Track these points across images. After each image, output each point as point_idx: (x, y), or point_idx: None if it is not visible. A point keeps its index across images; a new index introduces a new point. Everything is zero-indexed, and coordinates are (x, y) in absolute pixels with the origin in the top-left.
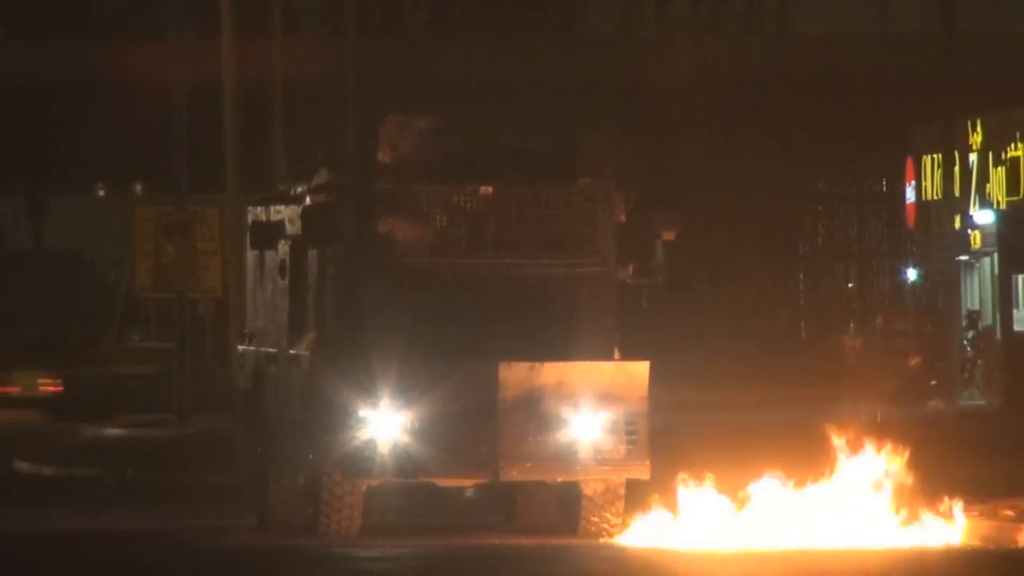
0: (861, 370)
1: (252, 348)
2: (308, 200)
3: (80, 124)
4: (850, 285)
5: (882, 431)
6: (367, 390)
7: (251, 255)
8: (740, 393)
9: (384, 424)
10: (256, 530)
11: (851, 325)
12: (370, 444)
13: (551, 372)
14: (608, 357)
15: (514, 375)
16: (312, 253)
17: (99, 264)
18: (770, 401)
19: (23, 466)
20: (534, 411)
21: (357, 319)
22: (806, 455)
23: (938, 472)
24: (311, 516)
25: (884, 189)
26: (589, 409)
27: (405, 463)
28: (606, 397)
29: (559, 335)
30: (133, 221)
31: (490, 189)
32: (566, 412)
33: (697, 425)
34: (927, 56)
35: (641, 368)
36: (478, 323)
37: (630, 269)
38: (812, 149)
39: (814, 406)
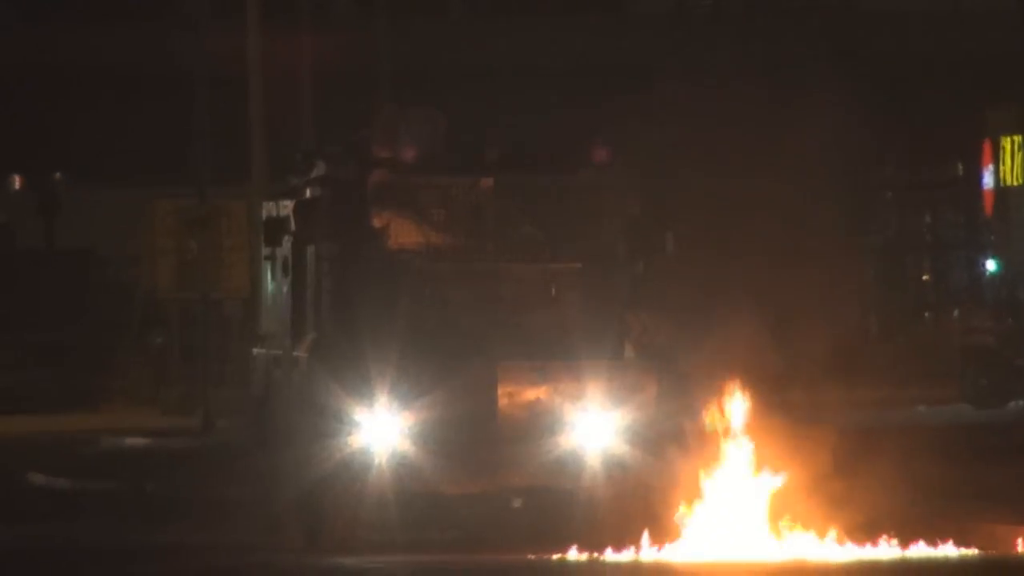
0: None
1: (264, 351)
2: (306, 194)
3: (95, 114)
4: (924, 278)
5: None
6: (362, 393)
7: (265, 252)
8: (811, 394)
9: (381, 429)
10: (268, 544)
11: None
12: (367, 451)
13: (553, 372)
14: (616, 356)
15: (514, 376)
16: (310, 249)
17: (115, 263)
18: (853, 404)
19: (38, 479)
20: (535, 413)
21: (350, 318)
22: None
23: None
24: (310, 527)
25: (960, 174)
26: (594, 410)
27: (403, 470)
28: (611, 398)
29: (562, 333)
30: (151, 216)
31: (490, 182)
32: (569, 414)
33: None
34: (1002, 33)
35: (648, 368)
36: (477, 322)
37: (640, 265)
38: (881, 133)
39: (889, 409)
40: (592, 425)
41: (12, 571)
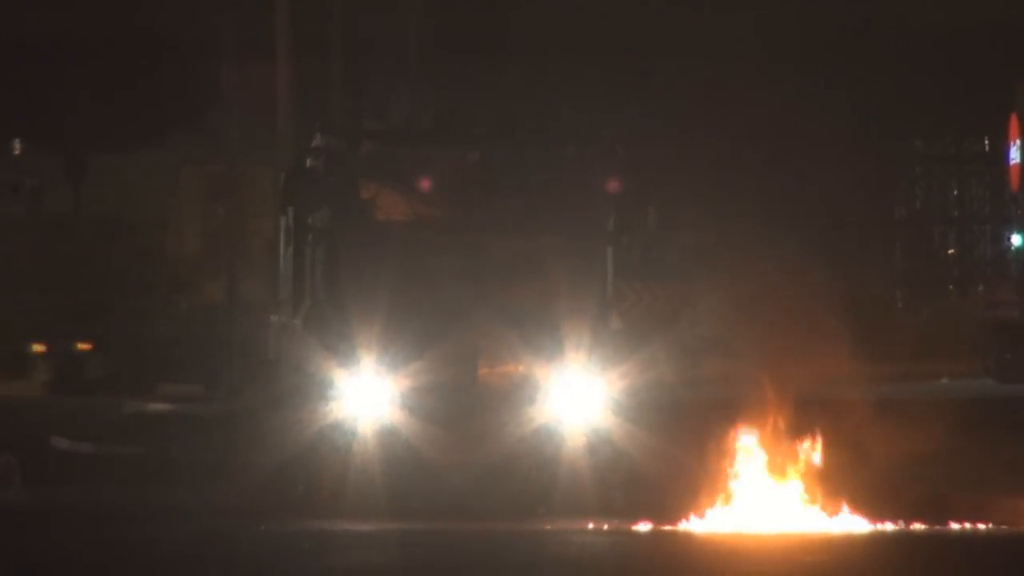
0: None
1: (277, 318)
2: (306, 164)
3: (124, 79)
4: (950, 252)
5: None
6: (348, 361)
7: (281, 221)
8: (839, 368)
9: (365, 397)
10: (256, 508)
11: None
12: (352, 417)
13: (534, 343)
14: (599, 327)
15: (495, 346)
16: (304, 219)
17: (142, 229)
18: (875, 377)
19: (61, 443)
20: (516, 383)
21: (339, 287)
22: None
23: None
24: (301, 494)
25: (986, 149)
26: (575, 381)
27: (387, 437)
28: (591, 367)
29: (546, 305)
30: (179, 182)
31: (477, 155)
32: (550, 384)
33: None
34: None
35: (630, 338)
36: (462, 292)
37: (622, 238)
38: (907, 106)
39: (913, 382)
40: (573, 395)
41: (32, 531)
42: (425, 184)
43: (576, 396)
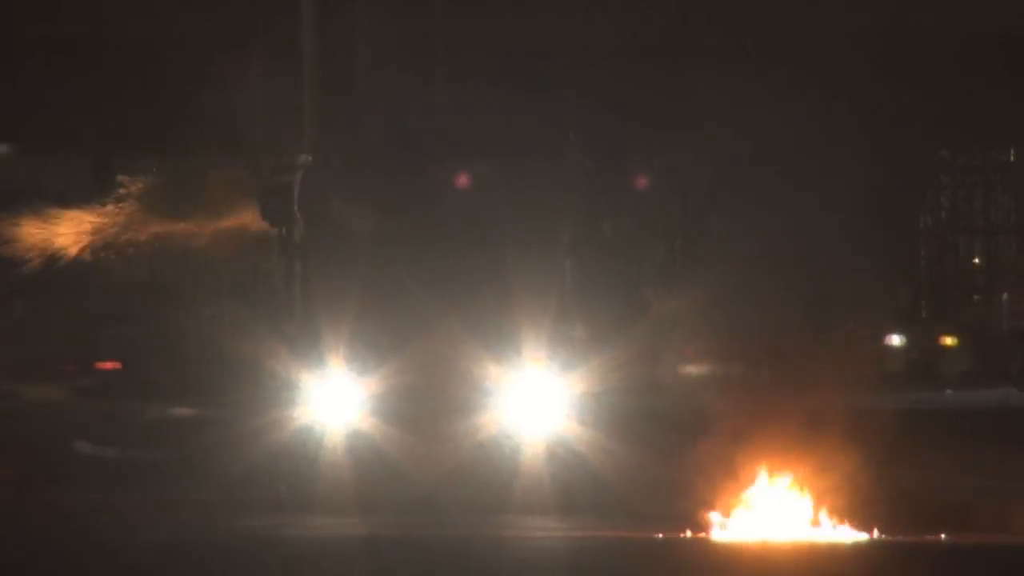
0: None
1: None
2: (284, 179)
3: (151, 85)
4: (975, 261)
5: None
6: (318, 365)
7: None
8: (857, 375)
9: (335, 401)
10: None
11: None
12: (320, 420)
13: (497, 350)
14: (564, 331)
15: (458, 353)
16: (280, 232)
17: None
18: (898, 386)
19: (85, 447)
20: (478, 387)
21: (309, 297)
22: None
23: None
24: (280, 494)
25: (1011, 159)
26: (534, 383)
27: (355, 440)
28: (551, 372)
29: (506, 312)
30: (204, 187)
31: (444, 169)
32: (510, 388)
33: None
34: None
35: (586, 340)
36: (427, 301)
37: (578, 248)
38: (933, 116)
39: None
40: (534, 399)
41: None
42: (392, 198)
43: (537, 400)
